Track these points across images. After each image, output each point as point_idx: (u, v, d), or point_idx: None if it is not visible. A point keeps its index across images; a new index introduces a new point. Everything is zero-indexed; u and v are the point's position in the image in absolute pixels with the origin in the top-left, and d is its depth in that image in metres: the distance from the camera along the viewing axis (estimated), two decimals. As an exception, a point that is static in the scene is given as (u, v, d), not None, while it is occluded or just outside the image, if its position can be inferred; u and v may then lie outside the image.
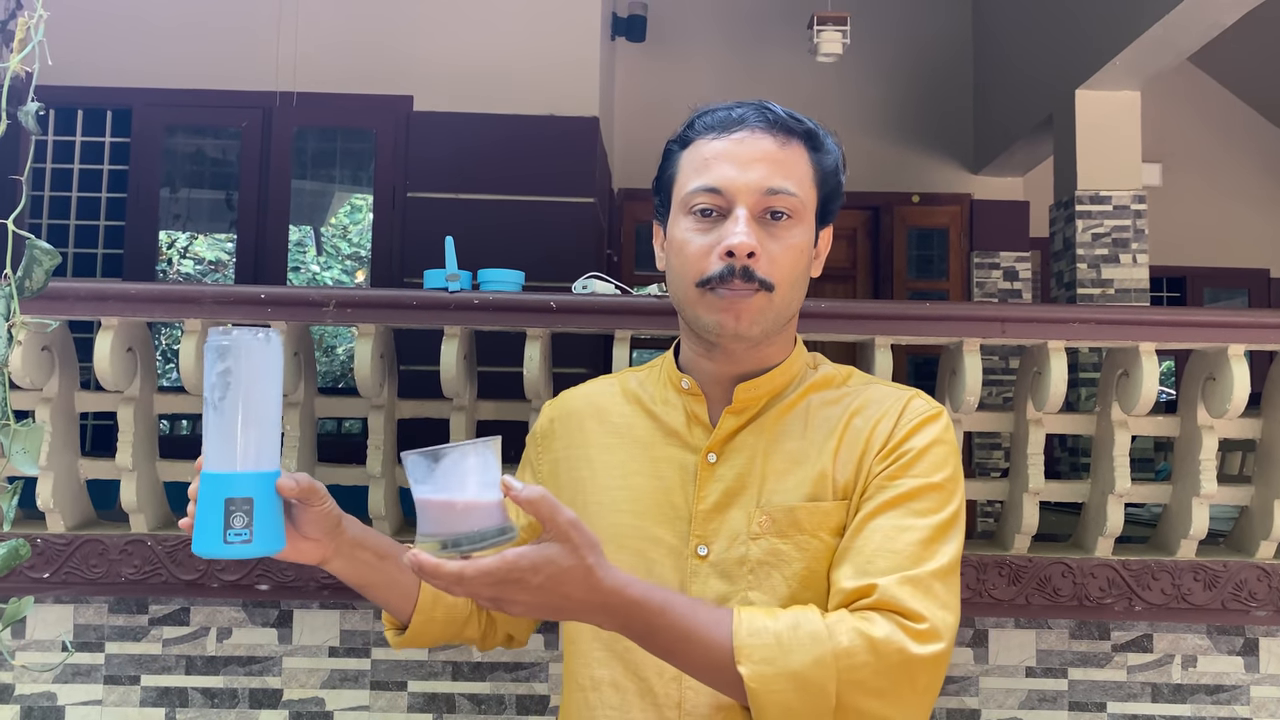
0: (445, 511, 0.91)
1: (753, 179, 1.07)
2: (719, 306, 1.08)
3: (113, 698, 1.98)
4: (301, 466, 1.98)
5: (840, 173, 1.16)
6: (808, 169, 1.11)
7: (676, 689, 1.07)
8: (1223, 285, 6.83)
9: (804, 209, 1.10)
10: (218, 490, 0.94)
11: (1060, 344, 1.95)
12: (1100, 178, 4.84)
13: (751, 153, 1.08)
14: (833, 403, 1.16)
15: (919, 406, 1.12)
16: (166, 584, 1.96)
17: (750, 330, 1.09)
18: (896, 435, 1.09)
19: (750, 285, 1.06)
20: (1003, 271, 6.16)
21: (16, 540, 0.94)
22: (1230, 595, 1.98)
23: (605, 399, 1.23)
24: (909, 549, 1.01)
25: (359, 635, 2.00)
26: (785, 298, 1.10)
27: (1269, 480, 2.02)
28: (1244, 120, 6.79)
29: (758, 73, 6.10)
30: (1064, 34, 5.03)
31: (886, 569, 1.00)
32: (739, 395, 1.14)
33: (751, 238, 1.06)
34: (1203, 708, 2.01)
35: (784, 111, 1.12)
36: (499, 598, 0.90)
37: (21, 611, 0.94)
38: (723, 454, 1.13)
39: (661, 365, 1.24)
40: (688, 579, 1.10)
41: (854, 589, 1.00)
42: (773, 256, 1.08)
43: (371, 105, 4.54)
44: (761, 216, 1.08)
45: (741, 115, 1.10)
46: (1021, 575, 1.99)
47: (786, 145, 1.10)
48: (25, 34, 0.96)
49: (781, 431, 1.14)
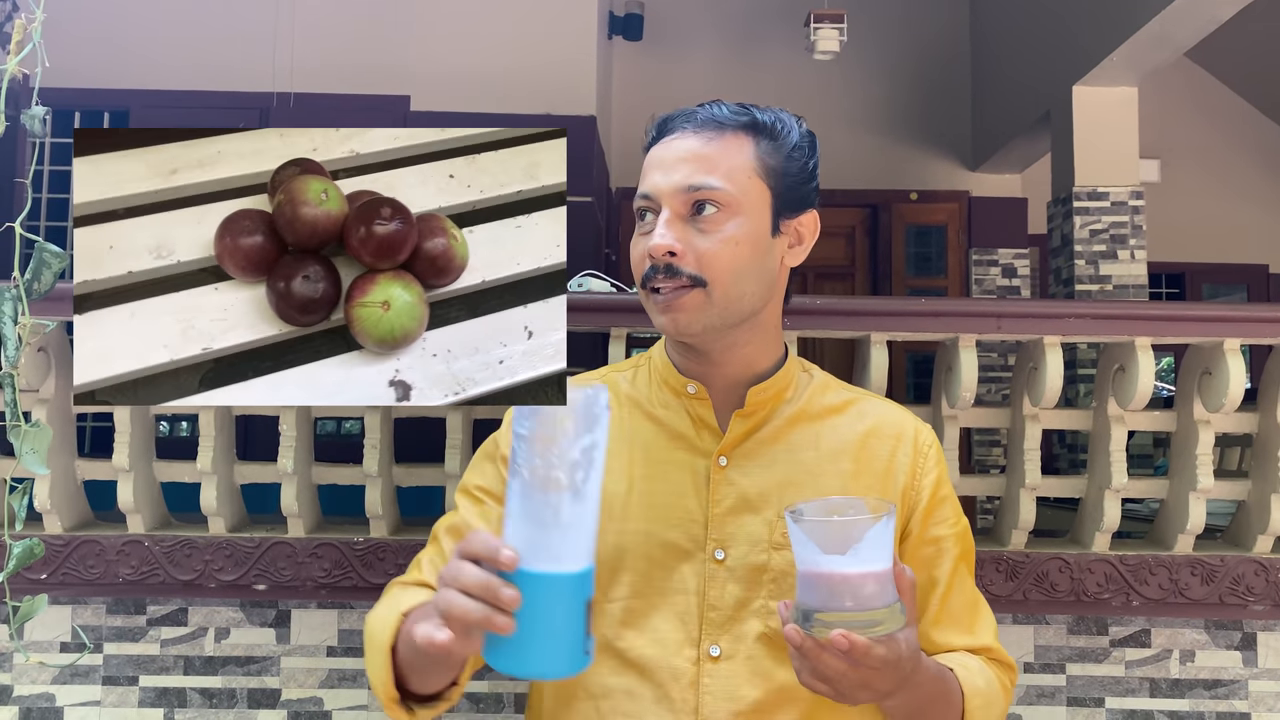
0: (863, 583, 0.84)
1: (675, 179, 1.09)
2: (656, 308, 1.11)
3: (111, 698, 1.99)
4: (299, 467, 1.98)
5: (805, 158, 1.14)
6: (746, 161, 1.10)
7: (694, 695, 1.07)
8: (1221, 281, 6.83)
9: (737, 201, 1.09)
10: (577, 592, 0.78)
11: (1056, 339, 1.95)
12: (1098, 174, 4.84)
13: (676, 154, 1.10)
14: (836, 411, 1.18)
15: (928, 438, 1.20)
16: (164, 584, 1.96)
17: (690, 327, 1.09)
18: (927, 482, 1.18)
19: (676, 281, 1.07)
20: (1001, 268, 6.16)
21: (30, 540, 0.94)
22: (1228, 590, 1.98)
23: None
24: (975, 598, 1.20)
25: (357, 635, 2.00)
26: (728, 292, 1.08)
27: (1266, 475, 2.03)
28: (1242, 115, 6.79)
29: (755, 71, 6.10)
30: (1061, 30, 5.03)
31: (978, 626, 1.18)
32: (751, 398, 1.14)
33: (667, 237, 1.07)
34: (1201, 702, 2.01)
35: (725, 107, 1.12)
36: (867, 683, 0.91)
37: (34, 611, 0.95)
38: (733, 458, 1.14)
39: (649, 366, 1.22)
40: (706, 583, 1.10)
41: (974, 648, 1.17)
42: (700, 251, 1.07)
43: (369, 106, 4.54)
44: (687, 215, 1.09)
45: (675, 120, 1.13)
46: (1019, 571, 1.99)
47: (715, 140, 1.10)
48: (23, 35, 0.96)
49: (795, 442, 1.15)
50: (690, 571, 1.10)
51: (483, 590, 0.77)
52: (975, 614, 1.19)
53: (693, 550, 1.11)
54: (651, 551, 1.11)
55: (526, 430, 0.78)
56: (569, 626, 0.78)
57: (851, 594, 0.84)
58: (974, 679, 1.10)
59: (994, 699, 1.11)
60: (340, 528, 2.07)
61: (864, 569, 0.84)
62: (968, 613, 1.18)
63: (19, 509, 1.04)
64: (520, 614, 0.77)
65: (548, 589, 0.77)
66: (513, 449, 0.80)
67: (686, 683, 1.08)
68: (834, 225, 6.21)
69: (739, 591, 1.09)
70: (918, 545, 1.16)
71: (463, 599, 0.78)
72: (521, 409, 0.80)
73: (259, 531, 2.01)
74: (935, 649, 1.15)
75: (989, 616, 1.20)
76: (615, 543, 1.10)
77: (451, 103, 4.50)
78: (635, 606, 1.10)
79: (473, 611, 0.77)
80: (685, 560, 1.11)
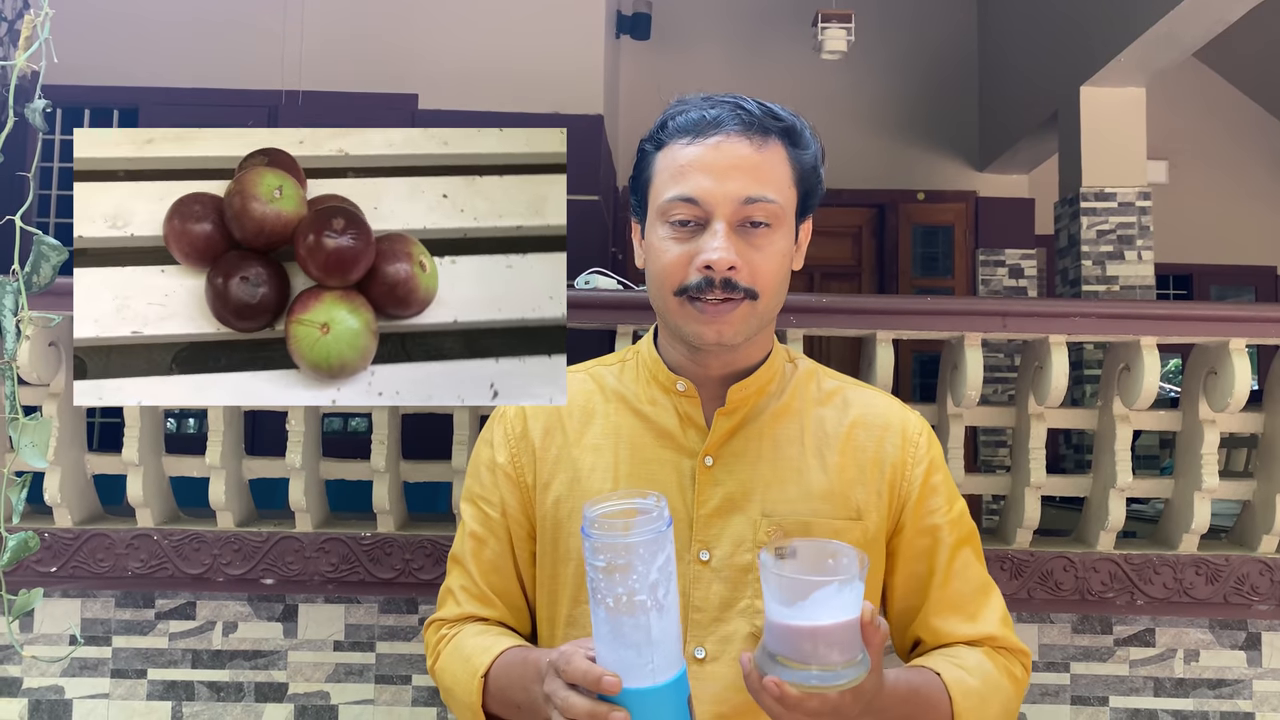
0: (820, 637, 0.84)
1: (730, 190, 1.04)
2: (698, 318, 1.06)
3: (119, 691, 2.00)
4: (307, 462, 1.99)
5: (819, 165, 1.13)
6: (786, 170, 1.08)
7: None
8: (1229, 282, 6.80)
9: (784, 213, 1.07)
10: (678, 697, 0.84)
11: (1061, 338, 1.95)
12: (1105, 175, 4.83)
13: (728, 160, 1.04)
14: (820, 403, 1.17)
15: (916, 425, 1.18)
16: (173, 578, 1.98)
17: (734, 339, 1.07)
18: (918, 472, 1.16)
19: (734, 296, 1.05)
20: (1008, 269, 6.15)
21: (26, 533, 0.95)
22: (1232, 589, 1.99)
23: (584, 396, 1.18)
24: (982, 583, 1.17)
25: (364, 629, 2.01)
26: (769, 304, 1.08)
27: (1271, 475, 2.03)
28: (1251, 117, 6.76)
29: (762, 70, 6.10)
30: (1069, 31, 5.02)
31: (983, 613, 1.15)
32: (732, 396, 1.13)
33: (731, 252, 1.03)
34: (1205, 702, 2.01)
35: (759, 109, 1.08)
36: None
37: (31, 603, 0.95)
38: (719, 457, 1.12)
39: (637, 360, 1.20)
40: (690, 584, 1.09)
41: (975, 637, 1.15)
42: (754, 266, 1.05)
43: (377, 104, 4.54)
44: (740, 226, 1.05)
45: (716, 118, 1.06)
46: (1024, 569, 1.99)
47: (764, 148, 1.06)
48: (31, 32, 0.97)
49: (780, 438, 1.14)
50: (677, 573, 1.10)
51: (594, 718, 0.84)
52: (980, 600, 1.16)
53: (679, 550, 1.08)
54: None
55: (603, 563, 0.81)
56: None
57: (812, 647, 0.84)
58: (966, 680, 1.08)
59: (990, 696, 1.09)
60: (348, 523, 2.08)
61: (821, 623, 0.83)
62: (972, 599, 1.15)
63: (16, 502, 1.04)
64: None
65: (651, 702, 0.82)
66: (590, 578, 0.83)
67: None
68: (841, 225, 6.21)
69: (724, 592, 1.09)
70: (913, 537, 1.15)
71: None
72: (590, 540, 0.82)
73: (267, 526, 2.03)
74: (937, 637, 1.15)
75: (997, 603, 1.17)
76: None
77: (459, 101, 4.51)
78: None
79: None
80: None
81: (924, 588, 1.16)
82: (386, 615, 2.02)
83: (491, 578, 1.16)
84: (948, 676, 1.08)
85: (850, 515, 1.12)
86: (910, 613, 1.17)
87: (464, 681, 1.07)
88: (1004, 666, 1.14)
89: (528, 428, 1.17)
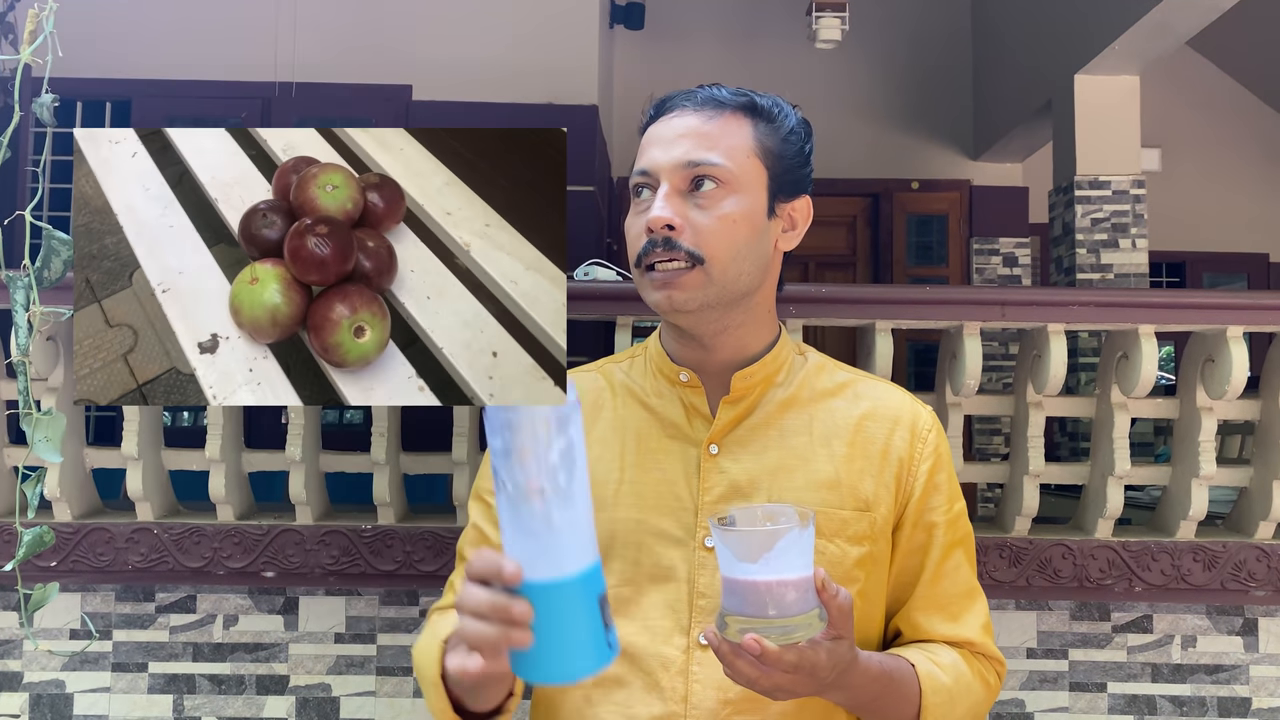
0: (778, 591, 0.85)
1: (675, 154, 1.09)
2: (654, 285, 1.09)
3: (120, 685, 2.00)
4: (307, 454, 1.99)
5: (801, 142, 1.15)
6: (745, 140, 1.11)
7: (683, 683, 1.08)
8: (1222, 270, 6.82)
9: (736, 178, 1.09)
10: (587, 592, 0.78)
11: (1060, 327, 1.95)
12: (1099, 163, 4.84)
13: (676, 130, 1.10)
14: (831, 394, 1.18)
15: (927, 421, 1.19)
16: (173, 571, 1.98)
17: (687, 305, 1.08)
18: (924, 468, 1.16)
19: (674, 255, 1.07)
20: (1002, 257, 6.16)
21: (41, 528, 0.95)
22: (1230, 575, 2.00)
23: (594, 393, 1.21)
24: (969, 587, 1.19)
25: (365, 621, 2.02)
26: (725, 270, 1.08)
27: (1268, 461, 2.04)
28: (1243, 105, 6.78)
29: (756, 60, 6.09)
30: (1063, 19, 5.02)
31: (966, 617, 1.17)
32: (736, 384, 1.14)
33: (667, 210, 1.07)
34: (1202, 687, 2.02)
35: (727, 90, 1.13)
36: (780, 686, 0.91)
37: (47, 598, 0.96)
38: (724, 445, 1.14)
39: (645, 356, 1.22)
40: (695, 570, 1.10)
41: (955, 639, 1.16)
42: (699, 227, 1.07)
43: (371, 95, 4.53)
44: (686, 190, 1.09)
45: (675, 100, 1.13)
46: (1022, 557, 2.00)
47: (715, 118, 1.10)
48: (36, 25, 0.96)
49: (788, 427, 1.15)
50: (680, 559, 1.11)
51: (494, 610, 0.78)
52: (965, 604, 1.18)
53: (683, 538, 1.11)
54: (642, 539, 1.12)
55: (501, 444, 0.77)
56: (585, 626, 0.78)
57: (771, 601, 0.85)
58: (938, 675, 1.09)
59: (960, 696, 1.11)
60: (348, 515, 2.08)
61: (781, 576, 0.84)
62: (957, 601, 1.17)
63: (31, 497, 1.04)
64: (536, 625, 0.77)
65: (556, 596, 0.77)
66: (492, 465, 0.79)
67: (676, 671, 1.08)
68: (835, 214, 6.21)
69: None
70: (911, 531, 1.16)
71: (478, 624, 0.79)
72: (491, 423, 0.78)
73: (267, 519, 2.02)
74: (917, 632, 1.16)
75: (981, 610, 1.19)
76: (606, 530, 1.10)
77: (453, 92, 4.50)
78: (625, 594, 1.11)
79: (490, 633, 0.78)
80: (675, 548, 1.11)
81: (912, 583, 1.17)
82: (387, 607, 2.02)
83: None
84: (921, 669, 1.09)
85: (859, 506, 1.13)
86: (895, 605, 1.18)
87: (429, 651, 1.06)
88: (978, 671, 1.15)
89: None
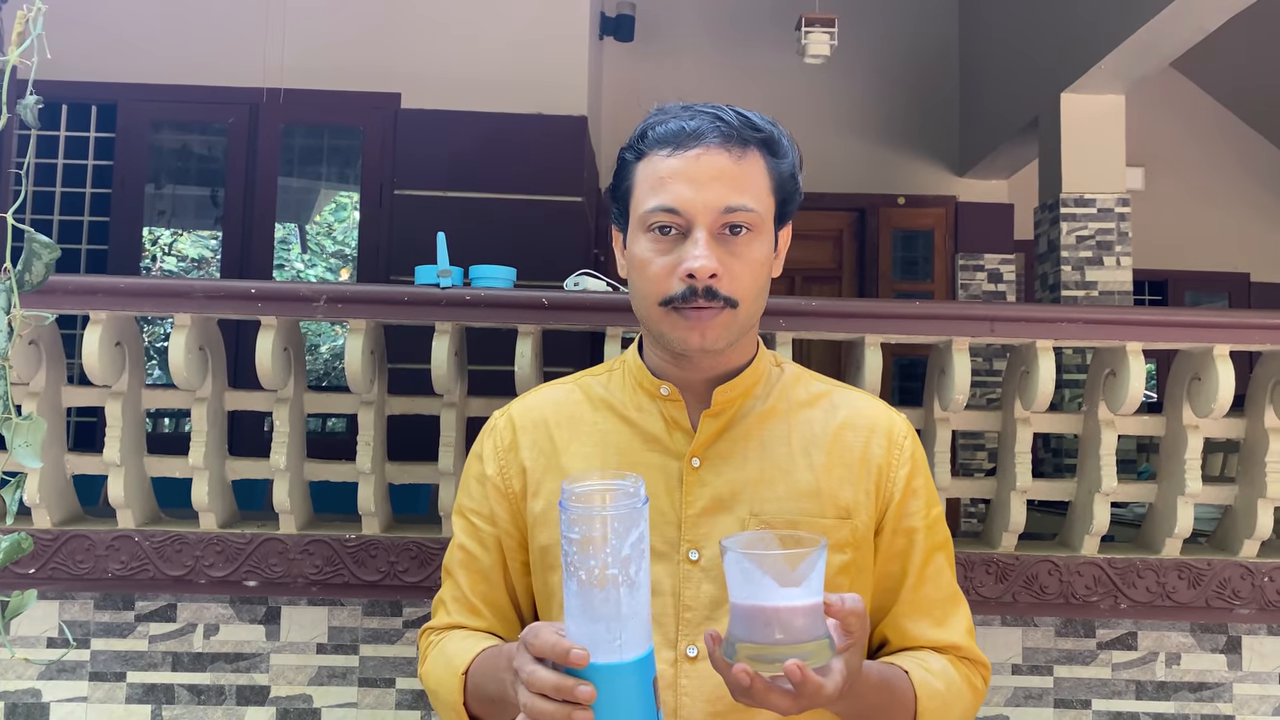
0: (796, 616, 0.84)
1: (710, 198, 1.06)
2: (684, 325, 1.08)
3: (98, 694, 1.97)
4: (292, 463, 1.97)
5: (797, 173, 1.16)
6: (764, 179, 1.10)
7: (672, 696, 1.08)
8: (1204, 289, 6.87)
9: (763, 221, 1.09)
10: (644, 675, 0.84)
11: (1048, 343, 1.96)
12: (1085, 181, 4.87)
13: (708, 171, 1.07)
14: (808, 405, 1.19)
15: (902, 428, 1.19)
16: (154, 580, 1.95)
17: (716, 345, 1.09)
18: (901, 475, 1.17)
19: (715, 304, 1.07)
20: (987, 273, 6.19)
21: (19, 534, 0.93)
22: (1214, 593, 2.00)
23: (571, 406, 1.20)
24: (952, 591, 1.19)
25: (347, 632, 2.00)
26: (749, 310, 1.10)
27: (1253, 479, 2.05)
28: (1226, 125, 6.84)
29: (745, 73, 6.10)
30: (1050, 38, 5.06)
31: (951, 621, 1.17)
32: (717, 398, 1.14)
33: (712, 259, 1.05)
34: (1186, 705, 2.03)
35: (738, 119, 1.10)
36: (802, 706, 0.89)
37: (25, 605, 0.94)
38: (705, 458, 1.14)
39: (624, 369, 1.21)
40: (680, 583, 1.10)
41: (941, 643, 1.16)
42: (735, 274, 1.07)
43: (359, 102, 4.52)
44: (720, 233, 1.07)
45: (697, 129, 1.08)
46: (1008, 573, 2.00)
47: (743, 158, 1.08)
48: (24, 27, 0.95)
49: (767, 439, 1.15)
50: (665, 573, 1.10)
51: (559, 692, 0.84)
52: (949, 609, 1.18)
53: (667, 552, 1.11)
54: None
55: (577, 535, 0.83)
56: (640, 708, 0.84)
57: (781, 627, 0.85)
58: (932, 682, 1.10)
59: (953, 701, 1.12)
60: (332, 524, 2.06)
61: (793, 603, 0.84)
62: (941, 605, 1.18)
63: (9, 503, 1.03)
64: (595, 704, 0.83)
65: (617, 678, 0.83)
66: (564, 550, 0.84)
67: (665, 684, 1.07)
68: (821, 229, 6.22)
69: (714, 591, 1.10)
70: (891, 537, 1.17)
71: (542, 702, 0.85)
72: (569, 512, 0.83)
73: (250, 527, 2.00)
74: (904, 639, 1.17)
75: (964, 614, 1.19)
76: None
77: (442, 101, 4.48)
78: None
79: (554, 712, 0.84)
80: (660, 561, 1.10)
81: (896, 588, 1.17)
82: (370, 618, 2.01)
83: (480, 588, 1.18)
84: (915, 677, 1.09)
85: (839, 514, 1.13)
86: (879, 612, 1.19)
87: (447, 681, 1.10)
88: (966, 676, 1.16)
89: (517, 440, 1.19)
